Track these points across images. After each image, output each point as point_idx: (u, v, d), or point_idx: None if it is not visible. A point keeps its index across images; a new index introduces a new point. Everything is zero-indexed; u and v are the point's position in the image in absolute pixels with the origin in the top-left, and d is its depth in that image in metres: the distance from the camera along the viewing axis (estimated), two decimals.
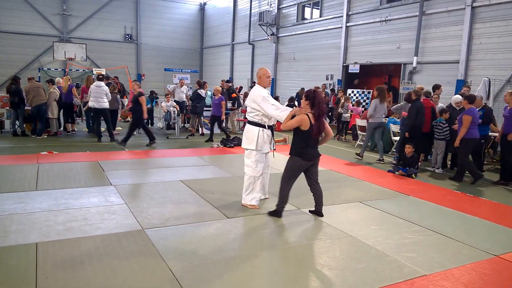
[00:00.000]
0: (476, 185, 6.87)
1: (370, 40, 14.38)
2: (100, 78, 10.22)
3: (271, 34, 19.20)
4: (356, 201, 5.51)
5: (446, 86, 10.53)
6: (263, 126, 4.78)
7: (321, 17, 16.72)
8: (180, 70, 21.47)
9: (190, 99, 12.21)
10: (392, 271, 3.42)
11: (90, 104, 9.73)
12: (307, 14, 18.03)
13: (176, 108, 11.95)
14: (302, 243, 3.97)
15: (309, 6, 17.82)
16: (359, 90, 14.74)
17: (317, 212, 4.78)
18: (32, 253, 3.46)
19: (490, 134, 7.91)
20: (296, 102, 12.92)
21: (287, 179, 4.56)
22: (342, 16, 15.33)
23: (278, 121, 4.77)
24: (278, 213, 4.63)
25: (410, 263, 3.58)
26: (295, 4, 17.99)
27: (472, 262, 3.68)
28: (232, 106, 12.54)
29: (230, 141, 9.63)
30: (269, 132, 4.84)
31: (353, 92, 14.81)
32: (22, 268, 3.19)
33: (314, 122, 4.38)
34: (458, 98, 7.92)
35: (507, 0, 10.17)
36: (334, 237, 4.15)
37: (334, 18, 15.90)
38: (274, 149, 4.97)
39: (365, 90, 14.68)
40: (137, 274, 3.18)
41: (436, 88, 8.94)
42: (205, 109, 11.92)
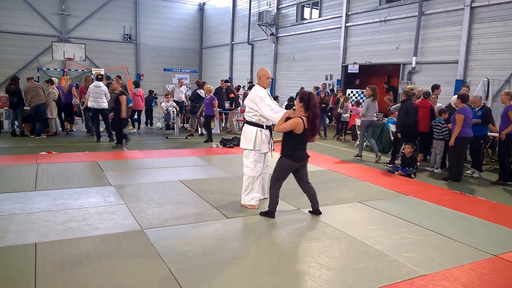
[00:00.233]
0: (475, 185, 6.89)
1: (369, 40, 14.39)
2: (99, 78, 10.22)
3: (271, 34, 19.21)
4: (355, 201, 5.51)
5: (445, 86, 10.55)
6: (261, 126, 4.79)
7: (320, 17, 16.72)
8: (179, 70, 21.46)
9: (189, 99, 12.21)
10: (391, 271, 3.42)
11: (89, 104, 9.71)
12: (307, 14, 18.03)
13: (175, 108, 11.96)
14: (301, 243, 3.97)
15: (308, 6, 17.82)
16: (359, 90, 14.74)
17: (314, 211, 4.77)
18: (31, 253, 3.45)
19: (489, 134, 7.91)
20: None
21: (276, 180, 4.56)
22: (341, 16, 15.33)
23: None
24: (270, 213, 4.63)
25: (409, 263, 3.58)
26: (294, 4, 18.00)
27: (471, 262, 3.69)
28: (230, 106, 12.53)
29: (230, 141, 9.63)
30: (267, 132, 4.85)
31: (352, 92, 14.82)
32: (21, 268, 3.19)
33: (307, 125, 4.36)
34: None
35: (506, 0, 10.19)
36: (333, 237, 4.15)
37: (333, 18, 15.91)
38: (273, 149, 4.97)
39: (364, 90, 14.66)
40: (136, 274, 3.18)
41: (435, 88, 8.96)
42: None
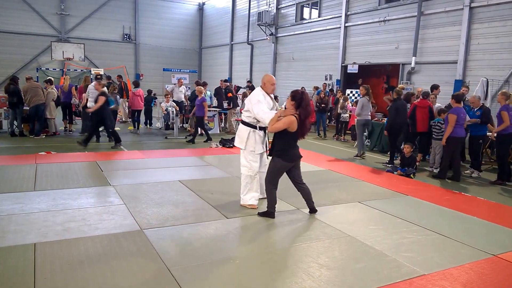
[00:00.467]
0: (474, 185, 6.90)
1: (368, 40, 14.40)
2: (98, 78, 10.21)
3: (270, 34, 19.21)
4: (354, 201, 5.52)
5: (444, 86, 10.55)
6: (255, 127, 4.81)
7: (319, 17, 16.73)
8: (178, 70, 21.42)
9: (188, 99, 12.20)
10: (391, 271, 3.42)
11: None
12: (306, 14, 18.03)
13: (175, 108, 11.95)
14: (301, 243, 3.97)
15: (307, 6, 17.83)
16: (358, 90, 14.73)
17: (310, 209, 4.78)
18: (30, 253, 3.45)
19: (488, 134, 7.92)
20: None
21: (270, 181, 4.55)
22: (341, 16, 15.34)
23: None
24: (270, 214, 4.62)
25: (409, 263, 3.59)
26: (294, 4, 18.00)
27: (470, 261, 3.69)
28: (228, 105, 12.54)
29: (229, 141, 9.63)
30: (261, 133, 4.86)
31: (352, 92, 14.82)
32: (21, 268, 3.19)
33: (300, 124, 4.33)
34: None
35: (505, 0, 10.20)
36: (333, 237, 4.16)
37: (332, 18, 15.92)
38: (268, 149, 4.97)
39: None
40: (135, 274, 3.18)
41: (434, 88, 8.97)
42: None
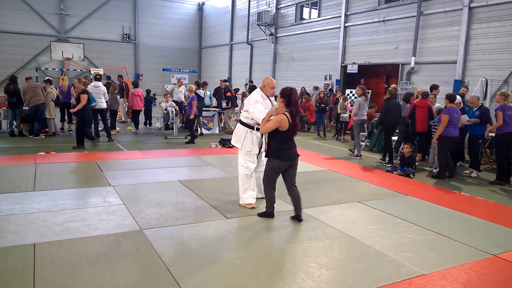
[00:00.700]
0: (473, 185, 6.90)
1: (368, 40, 14.40)
2: (97, 78, 10.20)
3: (270, 34, 19.21)
4: (354, 201, 5.52)
5: (443, 86, 10.56)
6: (252, 128, 4.82)
7: (319, 17, 16.73)
8: (178, 70, 21.47)
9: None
10: (390, 271, 3.42)
11: None
12: (306, 14, 18.03)
13: (175, 108, 11.95)
14: (301, 243, 3.97)
15: (307, 6, 17.83)
16: (353, 91, 14.72)
17: (296, 216, 4.55)
18: (29, 254, 3.45)
19: (485, 134, 7.92)
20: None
21: (268, 182, 4.52)
22: (340, 16, 15.35)
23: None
24: (269, 214, 4.61)
25: (408, 263, 3.59)
26: (294, 4, 18.00)
27: (470, 261, 3.69)
28: (226, 105, 12.55)
29: (229, 141, 9.61)
30: (258, 133, 4.87)
31: (351, 92, 14.82)
32: (20, 269, 3.18)
33: (291, 121, 4.29)
34: (457, 98, 7.95)
35: (504, 1, 10.21)
36: (332, 237, 4.16)
37: (332, 18, 15.92)
38: (265, 150, 4.97)
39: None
40: (135, 274, 3.18)
41: (433, 88, 8.97)
42: (204, 109, 11.93)
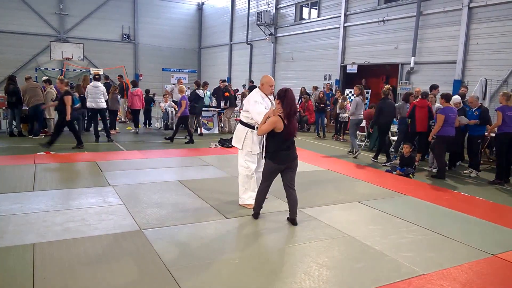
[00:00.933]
0: (473, 184, 6.91)
1: (367, 40, 14.41)
2: (96, 78, 10.20)
3: (269, 34, 19.21)
4: (354, 201, 5.52)
5: (443, 86, 10.56)
6: (253, 128, 4.81)
7: (319, 17, 16.74)
8: (178, 70, 21.44)
9: (188, 99, 12.18)
10: (390, 271, 3.43)
11: (88, 104, 9.70)
12: (305, 14, 18.04)
13: (174, 108, 11.95)
14: (300, 243, 3.97)
15: (307, 6, 17.84)
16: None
17: (290, 220, 4.48)
18: (29, 254, 3.45)
19: (486, 134, 7.94)
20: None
21: (263, 181, 4.49)
22: (340, 16, 15.35)
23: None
24: (254, 215, 4.60)
25: (408, 263, 3.59)
26: (293, 4, 18.00)
27: (469, 261, 3.70)
28: (224, 105, 12.57)
29: (228, 141, 9.62)
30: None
31: (351, 92, 14.82)
32: (19, 269, 3.18)
33: (286, 122, 4.21)
34: (457, 98, 7.97)
35: (504, 1, 10.22)
36: (332, 237, 4.16)
37: (332, 18, 15.93)
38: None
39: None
40: (135, 274, 3.18)
41: (433, 88, 8.98)
42: (203, 109, 11.94)
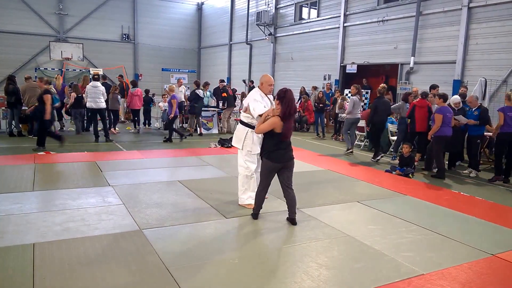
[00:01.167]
0: (472, 184, 6.92)
1: (367, 40, 14.41)
2: (96, 78, 10.20)
3: (269, 34, 19.21)
4: (353, 200, 5.52)
5: (442, 86, 10.56)
6: (253, 128, 4.80)
7: (318, 17, 16.74)
8: (177, 70, 21.41)
9: (188, 99, 12.20)
10: (389, 271, 3.43)
11: (88, 104, 9.70)
12: (305, 14, 18.04)
13: None
14: (300, 243, 3.97)
15: (306, 6, 17.84)
16: (362, 90, 14.68)
17: (290, 219, 4.48)
18: (29, 253, 3.45)
19: (485, 134, 7.95)
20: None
21: (261, 182, 4.50)
22: (340, 16, 15.35)
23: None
24: (253, 215, 4.60)
25: (408, 263, 3.59)
26: (293, 4, 18.00)
27: (469, 261, 3.70)
28: (222, 105, 12.58)
29: (228, 141, 9.63)
30: (260, 134, 4.84)
31: (350, 92, 14.81)
32: (19, 269, 3.18)
33: (284, 123, 4.23)
34: (457, 98, 7.98)
35: (504, 0, 10.23)
36: (332, 236, 4.16)
37: (331, 18, 15.93)
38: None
39: (362, 90, 14.65)
40: (134, 274, 3.18)
41: (432, 88, 8.99)
42: (203, 109, 11.94)
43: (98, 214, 4.51)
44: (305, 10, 18.04)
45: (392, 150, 9.46)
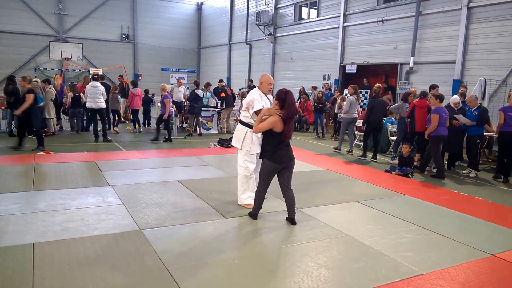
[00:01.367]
0: (472, 184, 6.92)
1: (367, 40, 14.41)
2: (95, 78, 10.21)
3: (269, 34, 19.21)
4: (353, 200, 5.53)
5: (442, 86, 10.56)
6: (252, 127, 4.81)
7: (318, 17, 16.74)
8: (177, 70, 21.40)
9: (187, 99, 12.21)
10: (389, 270, 3.43)
11: (87, 104, 9.71)
12: (304, 14, 18.05)
13: (172, 107, 11.95)
14: (300, 243, 3.97)
15: (306, 6, 17.84)
16: (362, 90, 14.68)
17: (289, 219, 4.49)
18: (28, 253, 3.45)
19: (485, 134, 7.96)
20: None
21: (261, 182, 4.49)
22: (339, 16, 15.36)
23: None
24: (252, 215, 4.60)
25: (407, 262, 3.60)
26: (292, 4, 18.00)
27: (468, 261, 3.70)
28: (221, 105, 12.58)
29: (227, 141, 9.63)
30: (259, 134, 4.85)
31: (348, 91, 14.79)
32: (19, 268, 3.18)
33: (284, 124, 4.22)
34: (456, 98, 7.99)
35: (503, 0, 10.23)
36: (331, 236, 4.16)
37: (331, 18, 15.93)
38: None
39: (362, 90, 14.66)
40: (134, 274, 3.18)
41: (432, 88, 9.00)
42: (203, 109, 11.94)
43: (97, 214, 4.51)
44: (304, 10, 18.04)
45: (391, 150, 9.47)
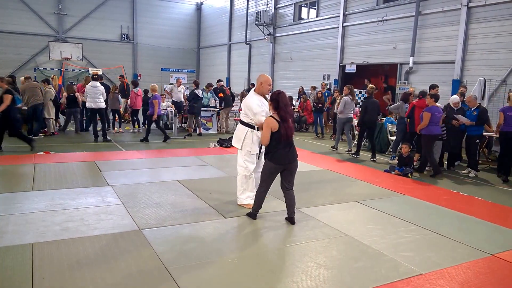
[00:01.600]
0: (471, 184, 6.93)
1: (366, 40, 14.41)
2: (95, 78, 10.21)
3: (268, 34, 19.20)
4: (352, 200, 5.53)
5: (442, 86, 10.57)
6: (253, 127, 4.81)
7: (317, 17, 16.74)
8: (177, 70, 21.41)
9: (187, 99, 12.21)
10: (388, 270, 3.43)
11: (87, 104, 9.72)
12: (304, 14, 18.04)
13: (172, 107, 11.97)
14: (299, 243, 3.97)
15: (305, 6, 17.84)
16: (356, 90, 14.72)
17: (289, 219, 4.51)
18: (28, 253, 3.45)
19: (484, 133, 7.96)
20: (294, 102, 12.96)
21: (262, 183, 4.49)
22: (339, 16, 15.36)
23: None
24: (251, 215, 4.60)
25: (407, 262, 3.60)
26: (292, 4, 18.00)
27: (467, 261, 3.71)
28: (219, 105, 12.58)
29: (227, 141, 9.63)
30: (259, 133, 4.85)
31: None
32: (18, 268, 3.18)
33: (281, 124, 4.23)
34: (456, 98, 8.00)
35: (503, 0, 10.24)
36: (331, 236, 4.16)
37: (330, 18, 15.93)
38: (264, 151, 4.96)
39: (362, 90, 14.69)
40: (134, 274, 3.18)
41: (432, 88, 9.00)
42: (202, 109, 11.94)
43: (97, 214, 4.51)
44: (304, 10, 18.04)
45: (391, 150, 9.47)
